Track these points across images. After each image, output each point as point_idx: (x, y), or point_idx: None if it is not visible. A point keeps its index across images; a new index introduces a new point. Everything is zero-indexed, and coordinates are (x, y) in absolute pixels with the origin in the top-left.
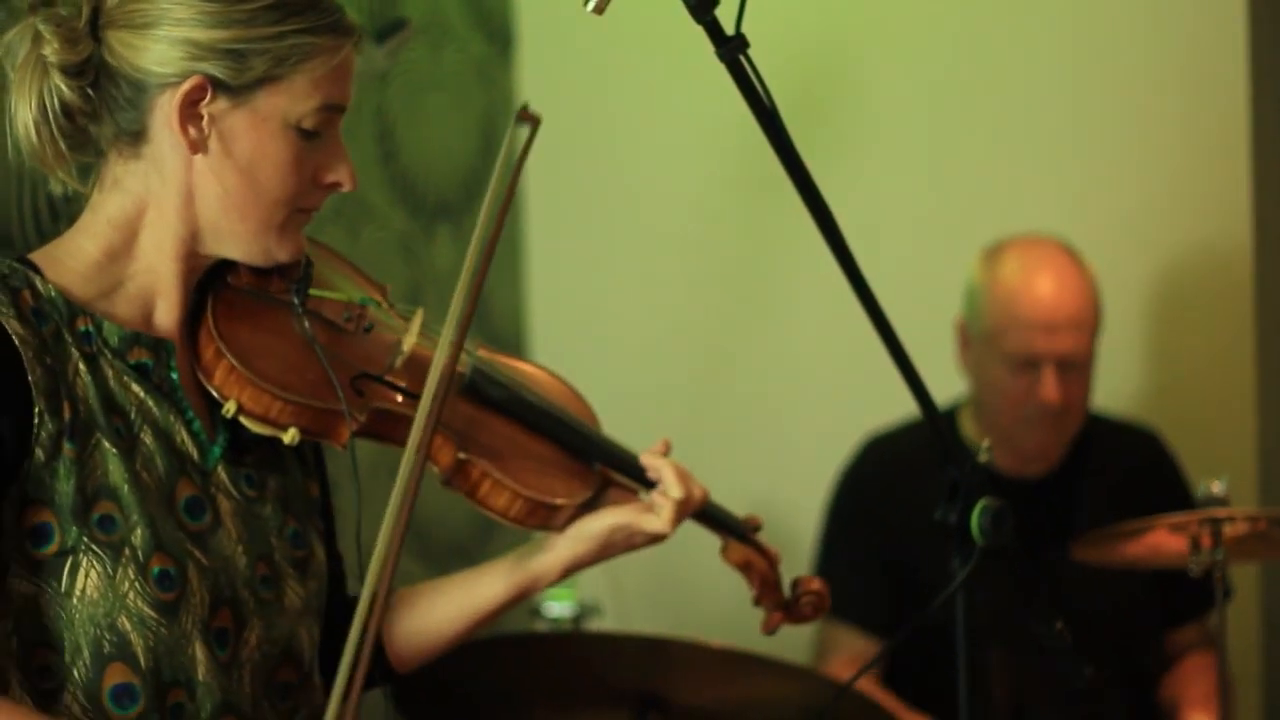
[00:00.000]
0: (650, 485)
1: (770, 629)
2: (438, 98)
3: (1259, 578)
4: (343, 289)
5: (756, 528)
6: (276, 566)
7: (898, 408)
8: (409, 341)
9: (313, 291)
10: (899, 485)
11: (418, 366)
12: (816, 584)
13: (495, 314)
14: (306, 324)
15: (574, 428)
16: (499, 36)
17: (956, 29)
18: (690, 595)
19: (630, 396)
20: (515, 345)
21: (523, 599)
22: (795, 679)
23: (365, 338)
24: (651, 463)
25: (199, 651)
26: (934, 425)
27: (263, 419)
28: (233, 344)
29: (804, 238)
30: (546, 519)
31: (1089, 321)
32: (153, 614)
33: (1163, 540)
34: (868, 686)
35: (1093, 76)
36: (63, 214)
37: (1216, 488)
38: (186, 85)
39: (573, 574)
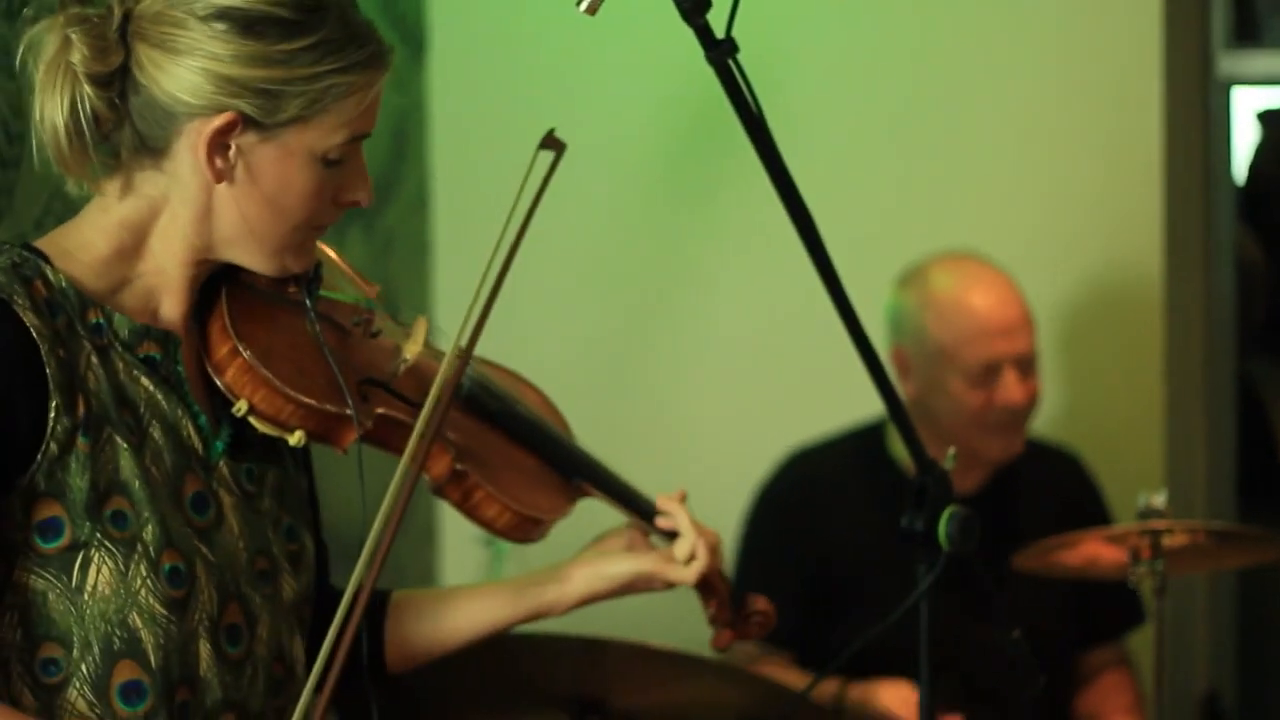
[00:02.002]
0: (624, 502)
1: (723, 646)
2: None
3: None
4: (343, 289)
5: None
6: (274, 561)
7: (808, 415)
8: (413, 349)
9: (322, 293)
10: (823, 501)
11: (419, 375)
12: (763, 603)
13: (401, 316)
14: (317, 327)
15: (559, 443)
16: (411, 39)
17: (877, 48)
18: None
19: None
20: None
21: (528, 622)
22: (737, 682)
23: (371, 342)
24: (671, 509)
25: (203, 649)
26: (904, 426)
27: (272, 420)
28: (250, 343)
29: (718, 249)
30: (530, 532)
31: (1030, 316)
32: (164, 611)
33: (1099, 552)
34: (780, 674)
35: (1005, 98)
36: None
37: (1157, 499)
38: (218, 121)
39: (581, 607)
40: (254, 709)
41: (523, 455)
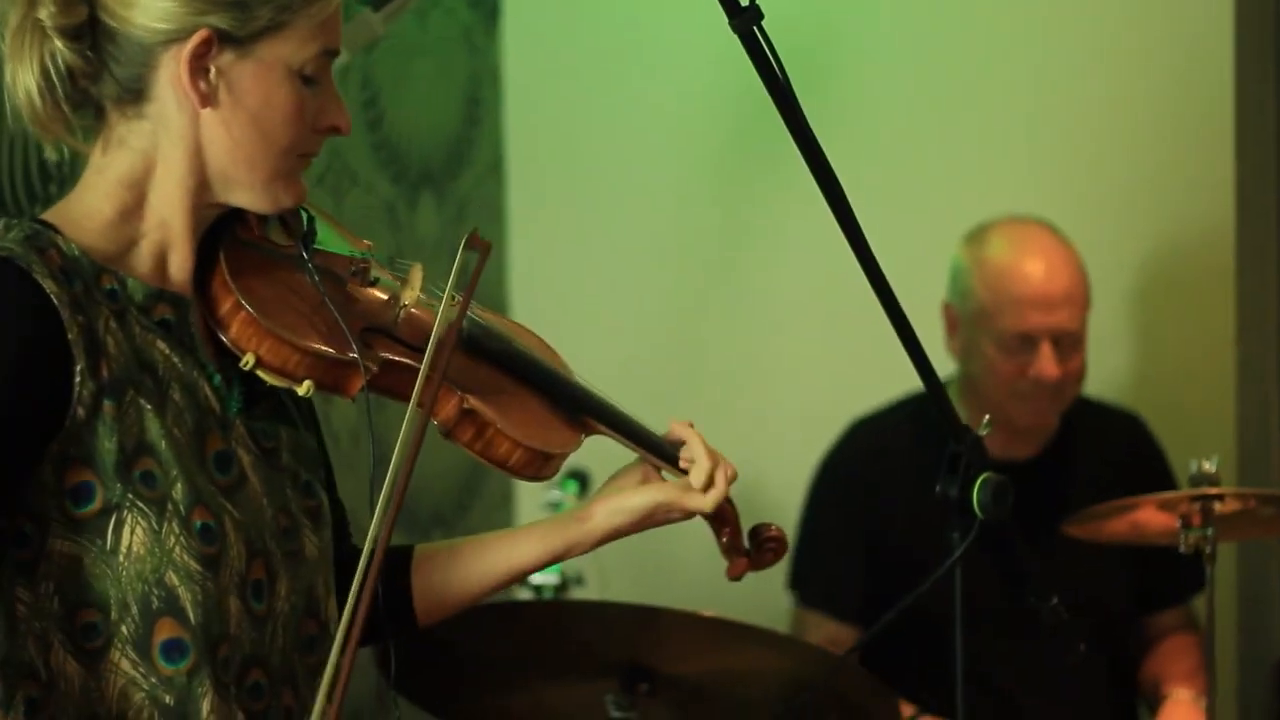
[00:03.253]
0: (632, 436)
1: (737, 575)
2: (423, 64)
3: (1235, 560)
4: (335, 244)
5: None
6: (294, 518)
7: (878, 384)
8: (410, 295)
9: (317, 245)
10: (883, 470)
11: (419, 321)
12: (776, 530)
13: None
14: (316, 276)
15: (562, 379)
16: (485, 4)
17: (943, 10)
18: (671, 566)
19: (611, 370)
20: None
21: (554, 563)
22: (785, 650)
23: (368, 291)
24: (688, 437)
25: (233, 605)
26: (938, 396)
27: (280, 371)
28: (250, 296)
29: (787, 216)
30: (541, 468)
31: (1080, 295)
32: (198, 568)
33: (1150, 518)
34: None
35: (1078, 61)
36: (54, 176)
37: (1208, 465)
38: (194, 40)
39: (605, 544)
40: (275, 664)
41: (526, 394)
